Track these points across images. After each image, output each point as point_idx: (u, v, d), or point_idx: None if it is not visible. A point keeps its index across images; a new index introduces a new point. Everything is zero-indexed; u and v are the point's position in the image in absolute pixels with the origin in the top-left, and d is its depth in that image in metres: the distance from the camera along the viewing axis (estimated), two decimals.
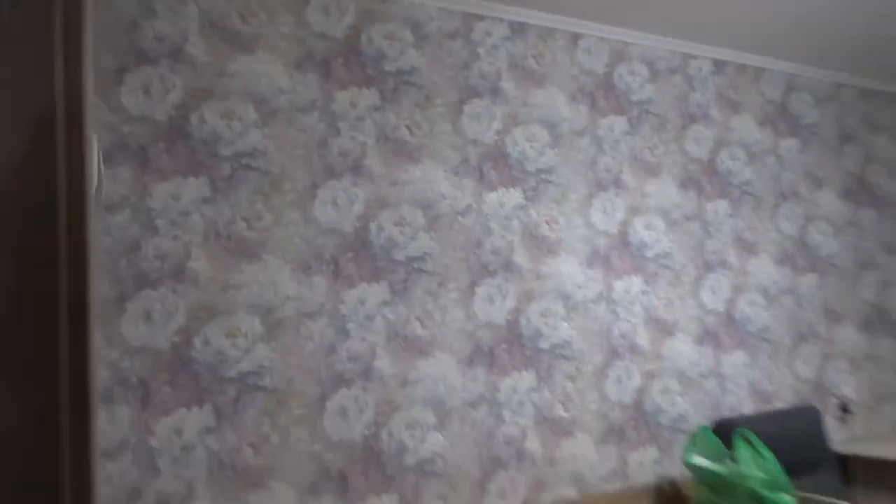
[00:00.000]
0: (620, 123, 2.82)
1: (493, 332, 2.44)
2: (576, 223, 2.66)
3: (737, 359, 2.96)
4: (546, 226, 2.59)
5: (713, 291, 2.95)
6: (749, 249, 3.09)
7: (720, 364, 2.92)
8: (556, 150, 2.66)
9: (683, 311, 2.86)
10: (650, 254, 2.81)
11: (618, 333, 2.69)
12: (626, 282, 2.74)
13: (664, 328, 2.80)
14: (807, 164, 3.33)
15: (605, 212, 2.73)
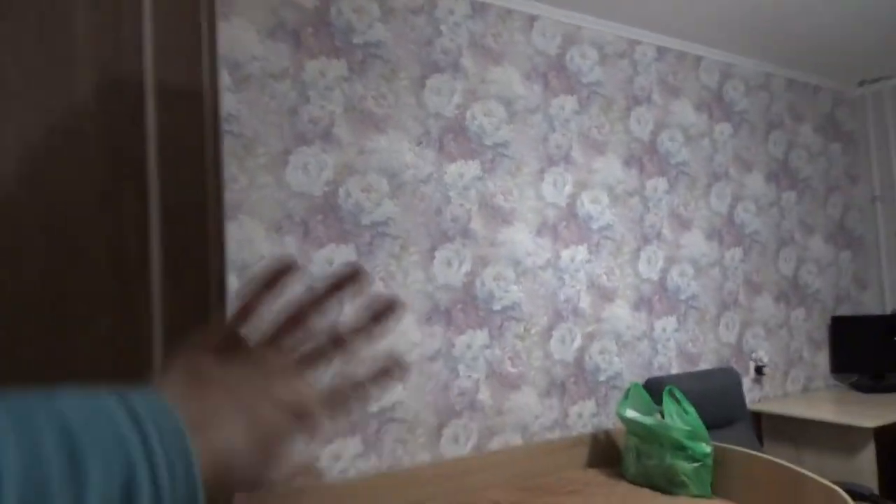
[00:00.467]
0: (571, 103, 3.01)
1: (451, 294, 2.62)
2: (528, 195, 2.85)
3: (667, 324, 3.24)
4: (501, 196, 2.77)
5: (649, 262, 3.21)
6: (683, 224, 3.36)
7: (653, 328, 3.19)
8: (512, 126, 2.83)
9: (622, 280, 3.10)
10: (595, 226, 3.03)
11: (563, 298, 2.91)
12: (572, 251, 2.96)
13: (604, 294, 3.04)
14: (737, 148, 3.62)
15: (556, 185, 2.93)
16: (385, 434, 2.42)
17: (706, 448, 2.58)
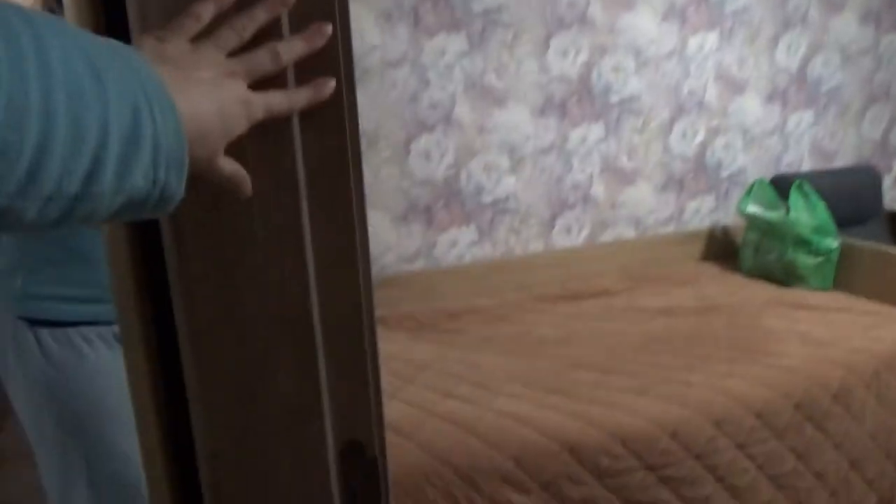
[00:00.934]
0: None
1: (566, 85, 2.53)
2: None
3: (803, 118, 3.00)
4: None
5: (789, 49, 2.90)
6: (833, 4, 2.97)
7: (785, 122, 2.97)
8: None
9: (756, 69, 2.85)
10: (728, 7, 2.75)
11: (687, 90, 2.74)
12: (701, 37, 2.72)
13: (734, 86, 2.83)
14: None
15: None
16: (499, 224, 2.51)
17: (832, 243, 2.49)
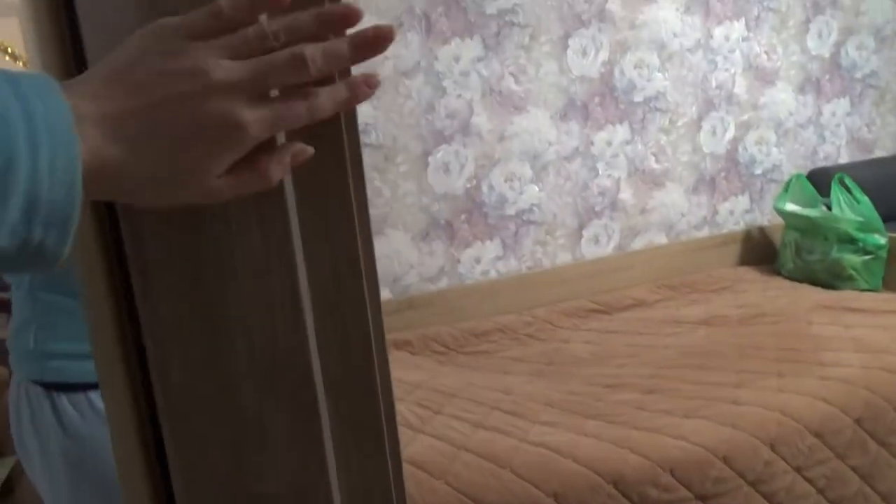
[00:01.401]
0: None
1: (588, 85, 2.39)
2: None
3: (838, 107, 2.83)
4: None
5: (820, 35, 2.75)
6: None
7: (820, 113, 2.81)
8: None
9: (786, 58, 2.70)
10: None
11: (714, 83, 2.59)
12: (727, 27, 2.58)
13: (764, 76, 2.67)
14: None
15: None
16: (524, 237, 2.38)
17: (880, 240, 2.34)
